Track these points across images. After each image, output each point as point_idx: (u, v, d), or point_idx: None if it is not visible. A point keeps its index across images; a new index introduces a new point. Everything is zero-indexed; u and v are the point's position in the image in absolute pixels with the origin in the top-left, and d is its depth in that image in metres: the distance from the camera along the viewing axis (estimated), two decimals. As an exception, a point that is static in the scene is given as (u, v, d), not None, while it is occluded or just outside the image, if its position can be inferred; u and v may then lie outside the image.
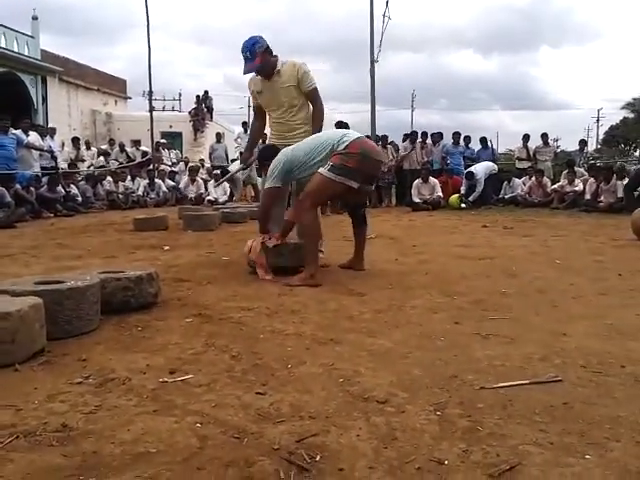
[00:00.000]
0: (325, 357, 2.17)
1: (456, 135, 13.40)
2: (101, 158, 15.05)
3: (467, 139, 13.69)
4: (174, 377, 1.96)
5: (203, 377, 1.96)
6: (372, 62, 11.89)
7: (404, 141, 13.36)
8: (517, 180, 12.43)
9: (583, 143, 14.91)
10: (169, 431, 1.55)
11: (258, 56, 3.97)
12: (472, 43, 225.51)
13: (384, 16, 12.16)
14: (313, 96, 4.22)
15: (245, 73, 4.23)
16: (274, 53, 4.16)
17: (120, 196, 12.56)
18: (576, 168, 12.07)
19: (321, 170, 3.66)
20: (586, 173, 12.14)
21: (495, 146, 15.18)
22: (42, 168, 11.18)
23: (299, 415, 1.65)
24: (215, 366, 2.07)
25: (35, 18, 19.04)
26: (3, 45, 16.87)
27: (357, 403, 1.74)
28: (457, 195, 11.68)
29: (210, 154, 16.67)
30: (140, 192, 12.98)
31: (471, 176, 11.82)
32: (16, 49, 17.56)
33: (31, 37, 18.58)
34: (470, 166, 12.54)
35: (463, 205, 11.47)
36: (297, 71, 4.10)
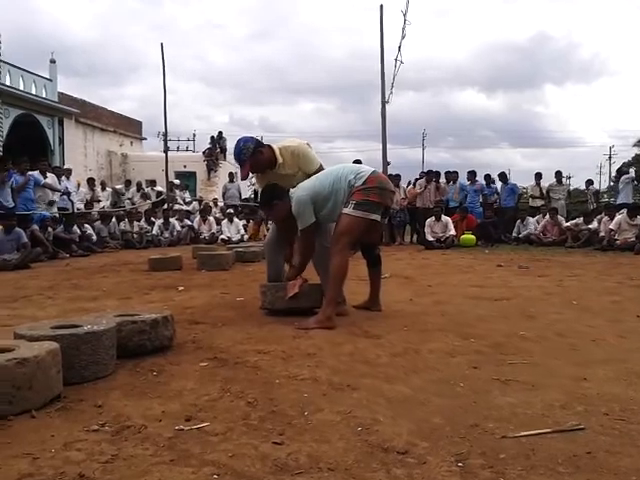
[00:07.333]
0: (342, 404, 2.14)
1: (471, 174, 13.39)
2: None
3: (487, 178, 13.62)
4: (190, 425, 1.93)
5: (219, 425, 1.93)
6: (383, 103, 11.95)
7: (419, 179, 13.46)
8: (531, 219, 12.43)
9: (590, 182, 14.81)
10: (186, 482, 1.52)
11: (247, 163, 3.96)
12: (476, 82, 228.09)
13: (396, 60, 12.06)
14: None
15: (242, 180, 4.69)
16: (268, 144, 4.09)
17: (135, 235, 12.67)
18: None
19: (346, 210, 3.68)
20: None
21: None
22: (59, 209, 11.35)
23: (317, 466, 1.61)
24: (231, 413, 2.05)
25: (53, 61, 19.57)
26: (22, 88, 17.30)
27: (377, 453, 1.70)
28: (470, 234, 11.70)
29: (223, 193, 16.90)
30: (155, 232, 13.10)
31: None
32: (34, 92, 18.00)
33: (49, 80, 19.07)
34: (488, 204, 12.73)
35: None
36: (297, 158, 4.06)
